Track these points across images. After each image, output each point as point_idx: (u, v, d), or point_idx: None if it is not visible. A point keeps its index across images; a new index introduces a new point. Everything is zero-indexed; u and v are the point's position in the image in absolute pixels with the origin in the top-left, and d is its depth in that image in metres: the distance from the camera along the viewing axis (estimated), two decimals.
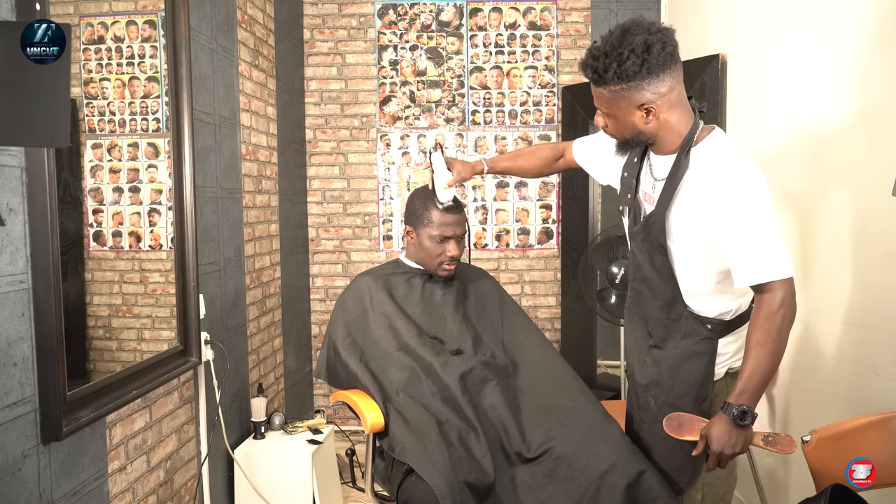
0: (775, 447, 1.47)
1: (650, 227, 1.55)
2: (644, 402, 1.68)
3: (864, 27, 1.88)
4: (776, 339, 1.41)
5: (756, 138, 2.48)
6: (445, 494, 1.51)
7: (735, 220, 1.43)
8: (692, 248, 1.53)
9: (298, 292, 3.48)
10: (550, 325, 3.68)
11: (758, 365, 1.41)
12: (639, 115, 1.48)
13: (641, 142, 1.55)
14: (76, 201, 1.71)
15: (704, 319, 1.57)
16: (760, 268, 1.41)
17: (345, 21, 3.59)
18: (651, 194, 1.58)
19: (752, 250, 1.42)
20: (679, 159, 1.50)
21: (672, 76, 1.45)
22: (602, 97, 1.50)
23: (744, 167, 1.46)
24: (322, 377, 2.01)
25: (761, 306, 1.42)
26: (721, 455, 1.44)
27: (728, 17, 2.72)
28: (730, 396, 1.45)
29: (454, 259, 1.97)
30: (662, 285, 1.58)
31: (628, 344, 1.77)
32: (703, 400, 1.58)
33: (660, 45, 1.40)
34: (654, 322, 1.63)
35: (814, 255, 2.11)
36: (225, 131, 2.51)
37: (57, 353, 1.44)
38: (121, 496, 1.80)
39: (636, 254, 1.63)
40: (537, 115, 3.60)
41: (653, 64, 1.40)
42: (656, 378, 1.63)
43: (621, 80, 1.43)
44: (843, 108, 1.96)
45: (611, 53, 1.42)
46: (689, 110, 1.52)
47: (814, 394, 2.14)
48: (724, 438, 1.43)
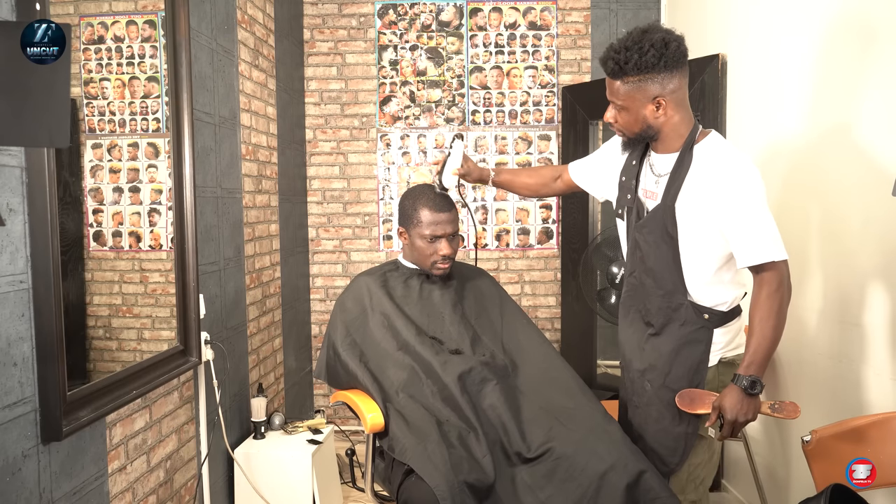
0: (782, 413, 1.59)
1: (659, 217, 1.66)
2: (640, 387, 1.76)
3: (864, 27, 1.88)
4: (777, 314, 1.55)
5: (756, 138, 2.48)
6: (445, 495, 1.51)
7: (737, 208, 1.56)
8: (696, 236, 1.63)
9: (298, 292, 3.48)
10: (550, 325, 3.68)
11: (763, 338, 1.55)
12: (650, 109, 1.61)
13: (648, 137, 1.68)
14: (76, 201, 1.70)
15: (703, 309, 1.67)
16: (761, 249, 1.54)
17: (345, 21, 3.59)
18: (654, 190, 1.70)
19: (753, 234, 1.55)
20: (683, 155, 1.63)
21: (682, 76, 1.60)
22: (619, 90, 1.62)
23: (743, 162, 1.60)
24: (322, 377, 2.01)
25: (762, 286, 1.56)
26: (735, 423, 1.55)
27: (728, 17, 2.72)
28: (739, 369, 1.57)
29: (447, 258, 1.97)
30: (667, 274, 1.68)
31: (624, 338, 1.83)
32: (696, 385, 1.68)
33: (676, 43, 1.56)
34: (655, 311, 1.72)
35: (813, 254, 2.11)
36: (225, 131, 2.51)
37: (57, 353, 1.43)
38: (121, 496, 1.80)
39: (641, 246, 1.72)
40: (537, 115, 3.60)
41: (669, 59, 1.55)
42: (654, 363, 1.72)
43: (640, 71, 1.56)
44: (844, 107, 1.96)
45: (631, 47, 1.56)
46: (690, 113, 1.66)
47: (813, 394, 2.14)
48: (736, 406, 1.55)
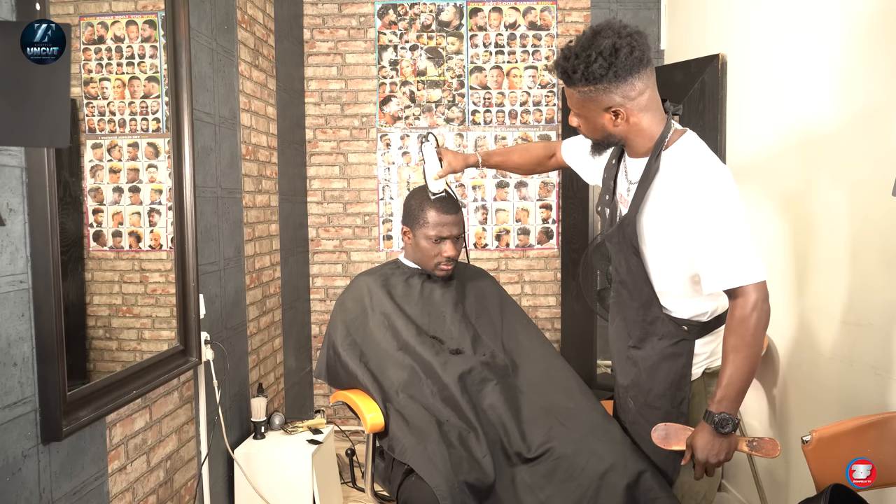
0: (760, 451, 1.48)
1: (624, 230, 1.56)
2: (624, 404, 1.70)
3: (864, 27, 1.88)
4: (751, 343, 1.41)
5: (756, 138, 2.48)
6: (445, 495, 1.52)
7: (702, 226, 1.43)
8: (664, 251, 1.53)
9: (298, 292, 3.48)
10: (550, 325, 3.68)
11: (735, 370, 1.41)
12: (607, 118, 1.48)
13: (612, 143, 1.56)
14: (76, 201, 1.70)
15: (680, 321, 1.57)
16: (729, 273, 1.41)
17: (345, 21, 3.59)
18: (626, 197, 1.59)
19: (720, 256, 1.42)
20: (650, 163, 1.50)
21: (642, 80, 1.44)
22: (572, 97, 1.51)
23: (712, 172, 1.45)
24: (322, 377, 2.01)
25: (734, 311, 1.42)
26: (706, 464, 1.45)
27: (728, 17, 2.72)
28: (710, 405, 1.44)
29: (451, 260, 1.97)
30: (638, 287, 1.59)
31: (611, 343, 1.79)
32: (680, 401, 1.59)
33: (627, 49, 1.40)
34: (632, 323, 1.64)
35: (813, 254, 2.11)
36: (225, 131, 2.51)
37: (57, 353, 1.43)
38: (121, 496, 1.80)
39: (613, 256, 1.65)
40: (537, 115, 3.60)
41: (620, 67, 1.40)
42: (635, 380, 1.64)
43: (588, 83, 1.43)
44: (844, 107, 1.96)
45: (580, 55, 1.42)
46: (661, 113, 1.51)
47: (813, 394, 2.14)
48: (707, 447, 1.43)
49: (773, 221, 2.31)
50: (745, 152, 2.56)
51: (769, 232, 2.32)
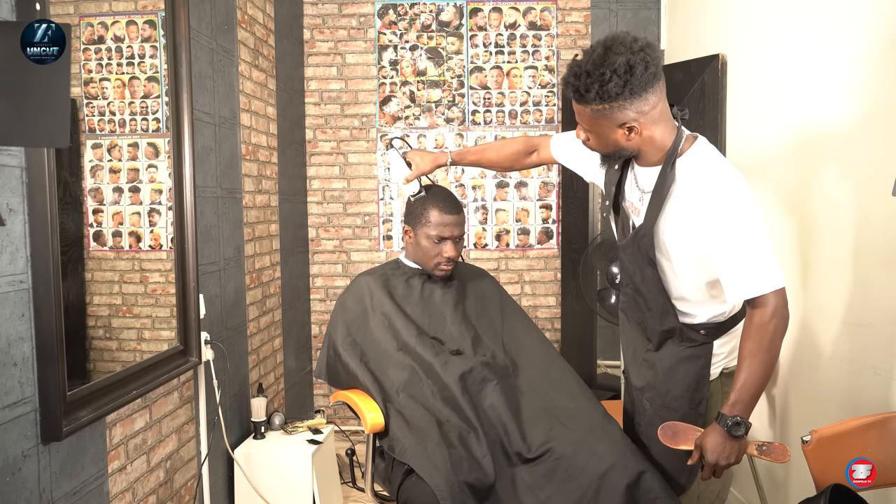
0: (769, 456, 1.48)
1: (639, 241, 1.54)
2: (640, 405, 1.69)
3: (864, 27, 1.88)
4: (768, 348, 1.41)
5: (756, 138, 2.48)
6: (445, 495, 1.51)
7: (723, 236, 1.42)
8: (682, 261, 1.53)
9: (298, 292, 3.48)
10: (550, 325, 3.68)
11: (750, 375, 1.41)
12: (621, 133, 1.45)
13: (623, 156, 1.54)
14: (76, 201, 1.70)
15: (698, 326, 1.57)
16: (751, 282, 1.41)
17: (345, 21, 3.59)
18: (638, 206, 1.57)
19: (742, 265, 1.41)
20: (664, 172, 1.48)
21: (655, 94, 1.43)
22: (583, 114, 1.47)
23: (729, 181, 1.45)
24: (322, 377, 2.01)
25: (753, 317, 1.42)
26: (716, 466, 1.45)
27: (728, 17, 2.72)
28: (723, 407, 1.44)
29: (451, 260, 1.97)
30: (653, 297, 1.59)
31: (624, 346, 1.79)
32: (698, 402, 1.59)
33: (642, 65, 1.37)
34: (650, 330, 1.64)
35: (813, 254, 2.11)
36: (225, 131, 2.51)
37: (57, 353, 1.43)
38: (121, 496, 1.80)
39: (627, 265, 1.64)
40: (537, 115, 3.60)
41: (635, 85, 1.38)
42: (652, 381, 1.64)
43: (603, 101, 1.40)
44: (844, 107, 1.96)
45: (593, 73, 1.38)
46: (671, 122, 1.50)
47: (813, 394, 2.14)
48: (717, 449, 1.43)
49: (773, 221, 2.31)
50: (745, 152, 2.56)
51: (769, 232, 2.31)
